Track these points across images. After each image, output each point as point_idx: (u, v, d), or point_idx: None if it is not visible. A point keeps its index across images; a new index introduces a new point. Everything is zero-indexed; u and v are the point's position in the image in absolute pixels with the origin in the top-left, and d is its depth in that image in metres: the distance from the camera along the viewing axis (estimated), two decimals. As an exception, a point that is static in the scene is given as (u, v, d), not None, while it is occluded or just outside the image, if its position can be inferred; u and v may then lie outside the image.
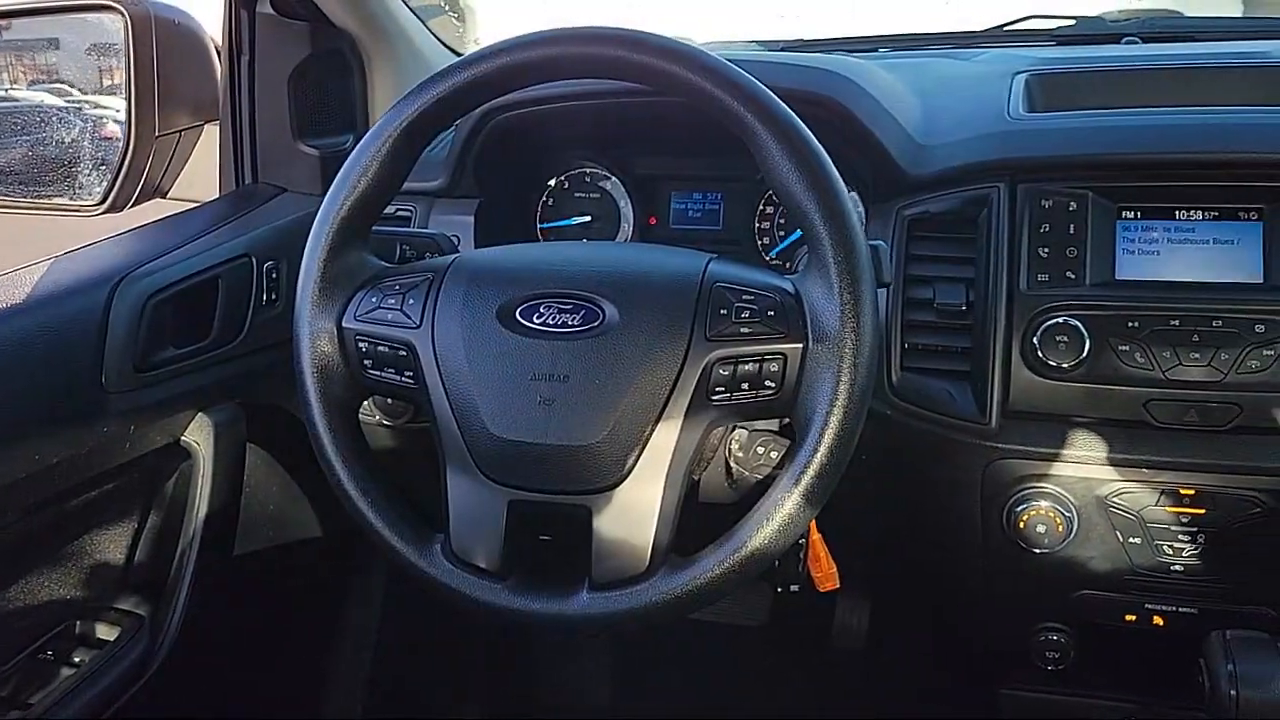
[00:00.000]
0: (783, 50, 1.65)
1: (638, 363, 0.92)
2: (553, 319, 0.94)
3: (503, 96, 1.00)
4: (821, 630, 1.83)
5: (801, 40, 1.69)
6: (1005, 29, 1.62)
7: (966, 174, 1.13)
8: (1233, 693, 0.96)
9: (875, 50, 1.63)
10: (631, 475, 0.93)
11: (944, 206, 1.14)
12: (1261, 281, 1.05)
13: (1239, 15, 1.76)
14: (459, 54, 1.52)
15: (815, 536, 1.12)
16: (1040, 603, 1.16)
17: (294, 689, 1.60)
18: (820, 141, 0.89)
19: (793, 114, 0.92)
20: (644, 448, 0.92)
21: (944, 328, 1.13)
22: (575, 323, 0.94)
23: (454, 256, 1.03)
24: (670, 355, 0.92)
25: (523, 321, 0.95)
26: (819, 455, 0.88)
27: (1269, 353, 1.01)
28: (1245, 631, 1.01)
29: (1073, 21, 1.59)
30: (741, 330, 0.92)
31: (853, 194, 1.30)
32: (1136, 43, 1.51)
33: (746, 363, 0.92)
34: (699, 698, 1.91)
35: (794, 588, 1.14)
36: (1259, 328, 1.02)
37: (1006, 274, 1.09)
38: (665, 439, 0.92)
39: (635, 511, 0.93)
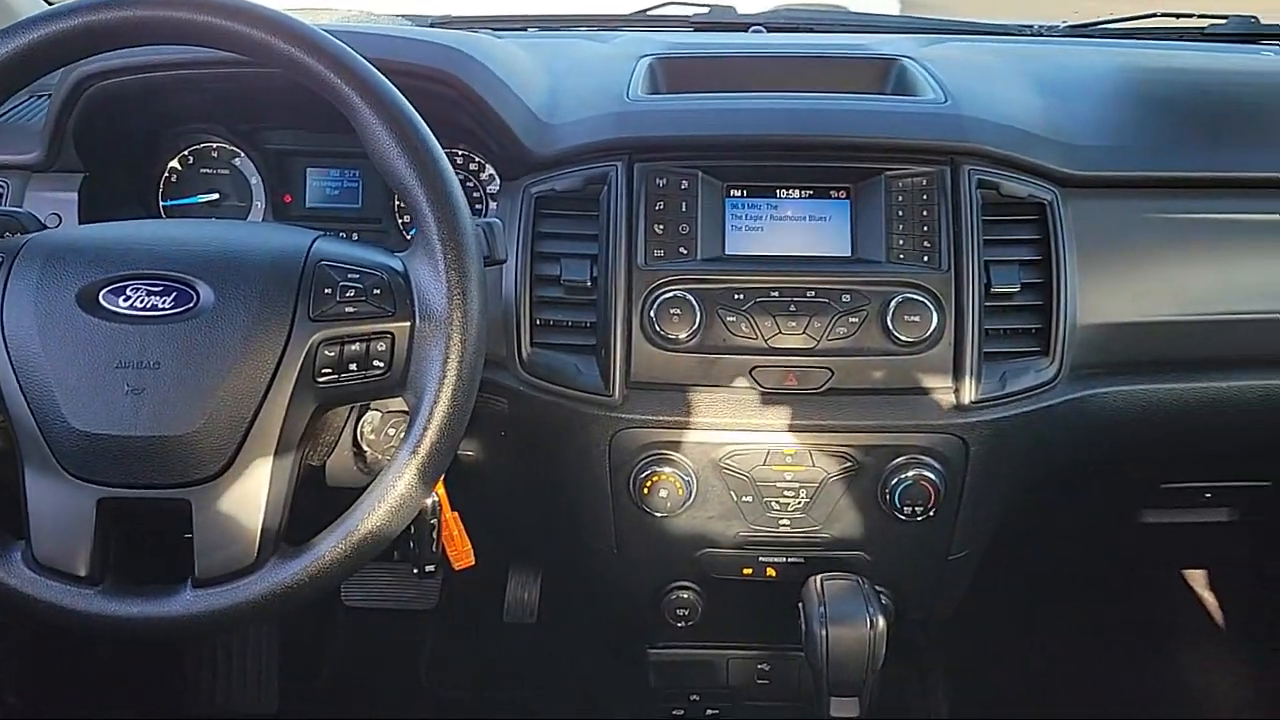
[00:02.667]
0: (432, 26, 1.62)
1: (236, 346, 0.88)
2: (140, 302, 0.89)
3: (93, 59, 0.92)
4: (494, 607, 1.85)
5: (449, 16, 1.67)
6: (647, 13, 1.68)
7: (587, 153, 1.16)
8: (823, 631, 1.05)
9: (524, 30, 1.64)
10: (234, 464, 0.89)
11: (568, 184, 1.17)
12: (849, 255, 1.14)
13: (860, 11, 1.91)
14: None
15: (449, 515, 1.12)
16: (669, 564, 1.22)
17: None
18: (447, 118, 0.89)
19: (393, 89, 0.90)
20: (247, 435, 0.89)
21: (571, 303, 1.16)
22: (166, 306, 0.89)
23: (30, 235, 0.94)
24: (271, 338, 0.89)
25: (107, 305, 0.88)
26: (429, 434, 0.88)
27: (854, 320, 1.11)
28: (837, 575, 1.11)
29: (707, 9, 1.66)
30: (347, 310, 0.90)
31: (489, 170, 1.32)
32: (762, 32, 1.60)
33: (353, 343, 0.90)
34: (372, 687, 1.88)
35: (429, 568, 1.13)
36: (845, 297, 1.11)
37: (625, 250, 1.13)
38: (269, 425, 0.89)
39: (240, 502, 0.89)
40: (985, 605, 1.50)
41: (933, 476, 1.12)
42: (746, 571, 1.21)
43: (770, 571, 1.21)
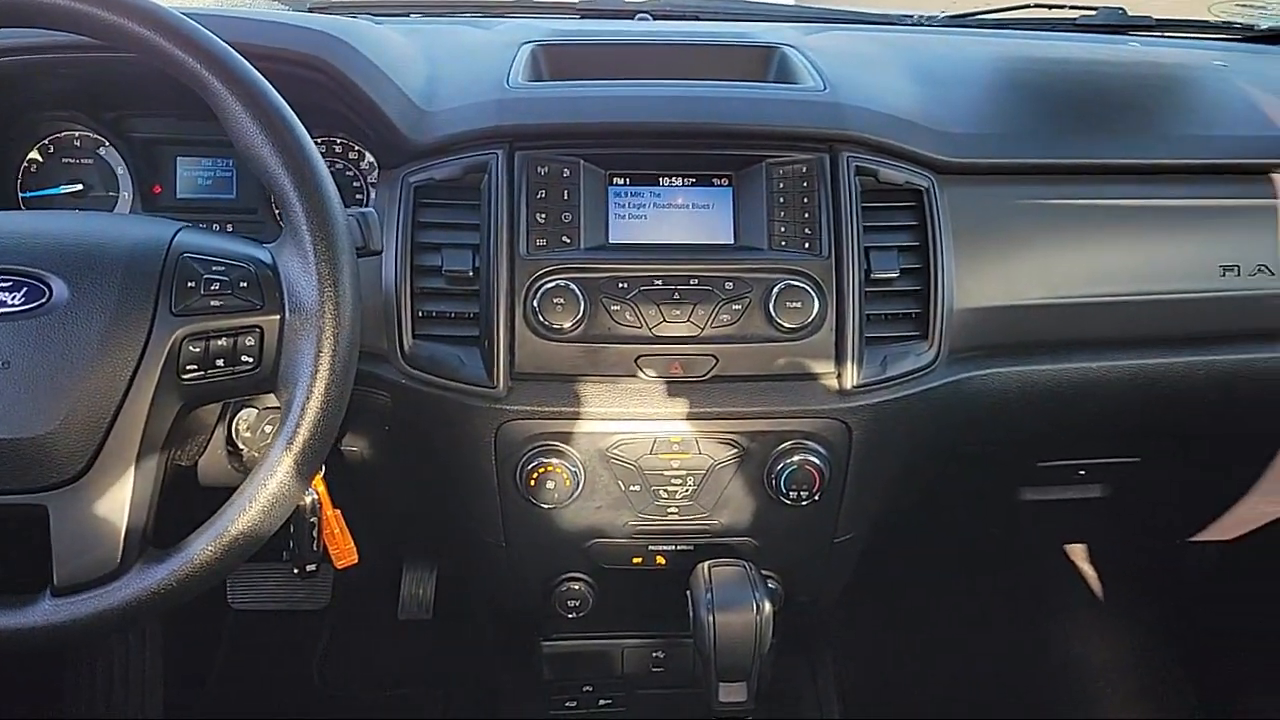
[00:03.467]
0: (310, 11, 1.58)
1: (92, 344, 0.84)
2: (-13, 298, 0.84)
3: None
4: (390, 605, 1.81)
5: (328, 1, 1.63)
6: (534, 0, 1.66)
7: (466, 141, 1.14)
8: (710, 618, 1.06)
9: (407, 15, 1.61)
10: (94, 467, 0.85)
11: (447, 173, 1.14)
12: (732, 242, 1.15)
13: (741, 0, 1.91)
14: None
15: (330, 513, 1.09)
16: (558, 556, 1.21)
17: None
18: (323, 106, 0.86)
19: (255, 73, 0.87)
20: (107, 436, 0.85)
21: (454, 294, 1.14)
22: (16, 302, 0.85)
23: None
24: (130, 334, 0.85)
25: (-51, 302, 0.84)
26: (303, 429, 0.86)
27: (737, 307, 1.11)
28: (725, 562, 1.12)
29: (594, -5, 1.65)
30: (211, 304, 0.87)
31: (369, 159, 1.28)
32: (649, 19, 1.60)
33: (219, 338, 0.87)
34: (262, 690, 1.83)
35: (311, 567, 1.10)
36: (729, 285, 1.11)
37: (507, 239, 1.11)
38: (131, 425, 0.85)
39: (102, 505, 0.86)
40: (872, 585, 1.53)
41: (817, 461, 1.13)
42: (637, 561, 1.21)
43: (660, 560, 1.21)
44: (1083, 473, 1.42)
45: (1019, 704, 1.86)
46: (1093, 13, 1.71)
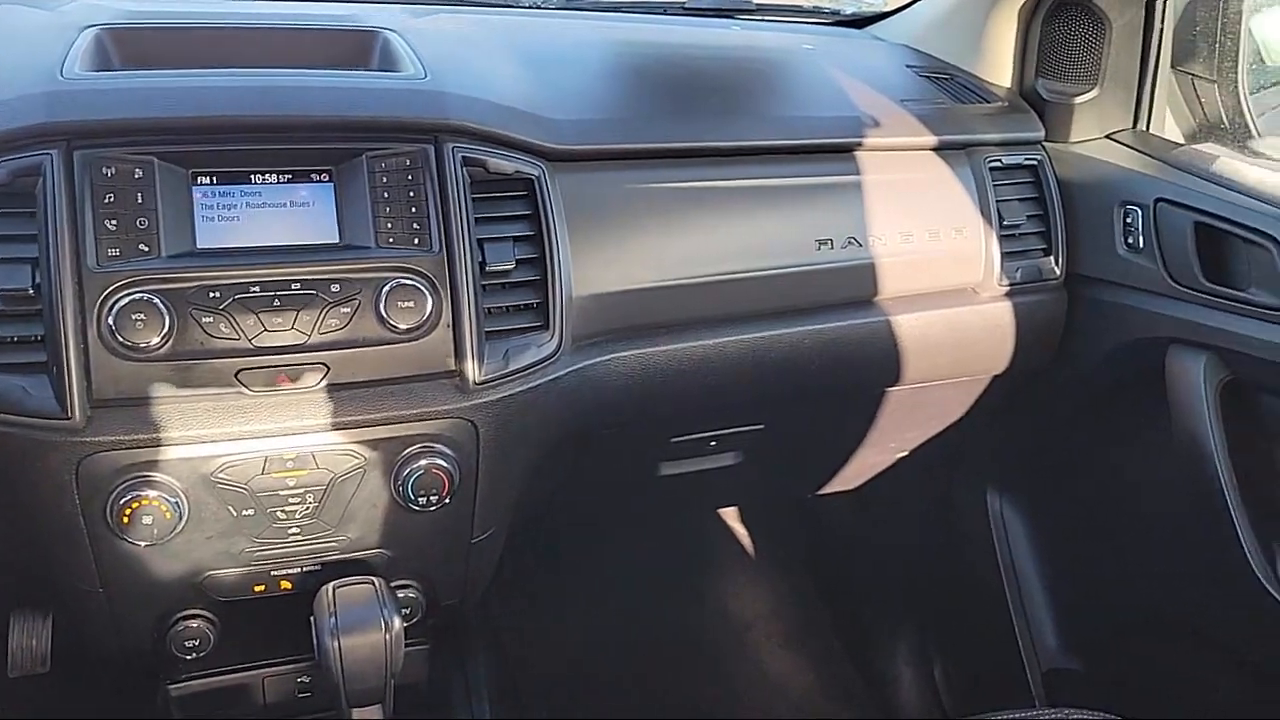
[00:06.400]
0: None
1: None
2: None
3: None
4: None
5: None
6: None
7: (11, 141, 1.00)
8: (335, 643, 1.00)
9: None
10: None
11: (-6, 178, 1.00)
12: (337, 241, 1.08)
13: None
14: None
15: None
16: (168, 595, 1.10)
17: None
18: None
19: None
20: None
21: (11, 316, 0.99)
22: None
23: None
24: None
25: None
26: None
27: (346, 310, 1.05)
28: (351, 581, 1.06)
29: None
30: None
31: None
32: (240, -1, 1.49)
33: None
34: None
35: None
36: (335, 287, 1.05)
37: (72, 251, 0.98)
38: None
39: None
40: (523, 577, 1.52)
41: (445, 464, 1.10)
42: (259, 589, 1.12)
43: (285, 584, 1.13)
44: (714, 444, 1.48)
45: (676, 662, 1.95)
46: (700, -4, 1.78)
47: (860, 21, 1.79)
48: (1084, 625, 1.70)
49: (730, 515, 2.20)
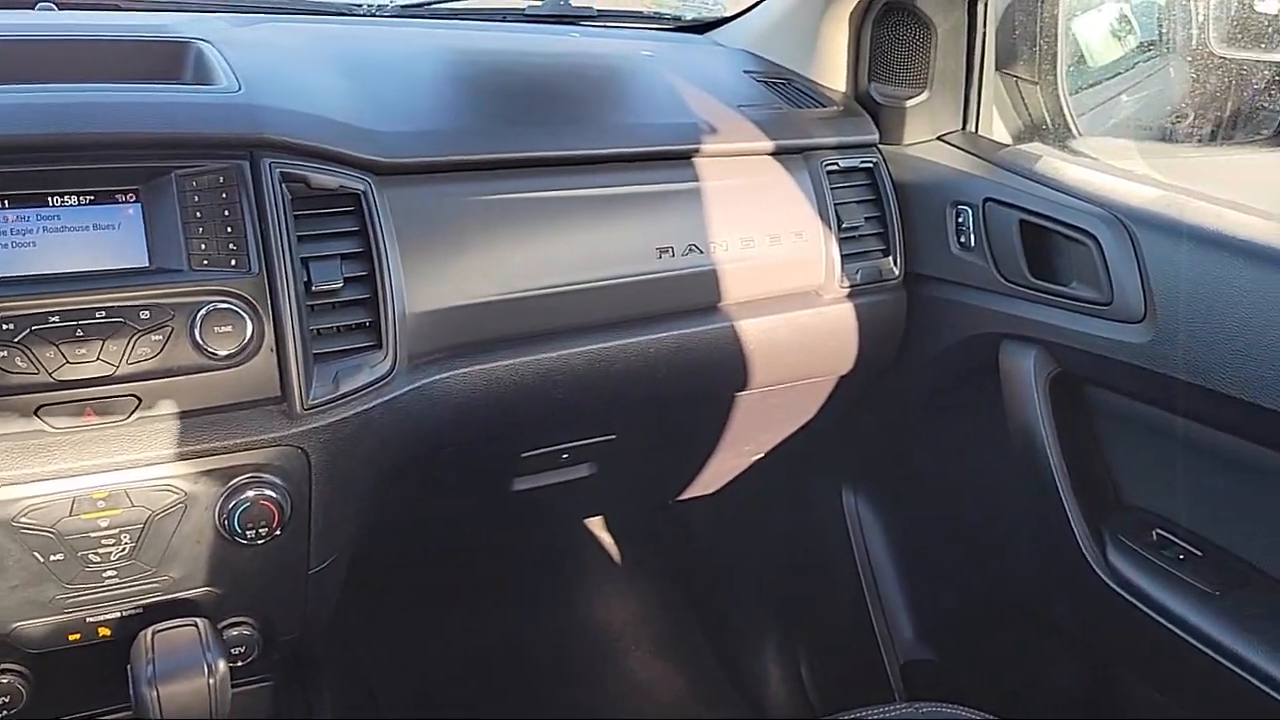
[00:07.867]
0: None
1: None
2: None
3: None
4: None
5: None
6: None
7: None
8: (154, 693, 0.94)
9: None
10: None
11: None
12: (146, 265, 1.02)
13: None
14: None
15: None
16: (-25, 649, 1.03)
17: None
18: None
19: None
20: None
21: None
22: None
23: None
24: None
25: None
26: None
27: (157, 338, 0.99)
28: (171, 624, 1.00)
29: (-22, -19, 1.41)
30: None
31: None
32: (52, 8, 1.40)
33: None
34: None
35: None
36: (145, 314, 0.99)
37: None
38: None
39: None
40: (377, 601, 1.47)
41: (274, 494, 1.05)
42: (74, 638, 1.05)
43: (104, 631, 1.06)
44: (566, 456, 1.46)
45: (543, 676, 1.92)
46: (540, 3, 1.76)
47: (701, 27, 1.80)
48: (937, 617, 1.74)
49: (596, 525, 2.18)
